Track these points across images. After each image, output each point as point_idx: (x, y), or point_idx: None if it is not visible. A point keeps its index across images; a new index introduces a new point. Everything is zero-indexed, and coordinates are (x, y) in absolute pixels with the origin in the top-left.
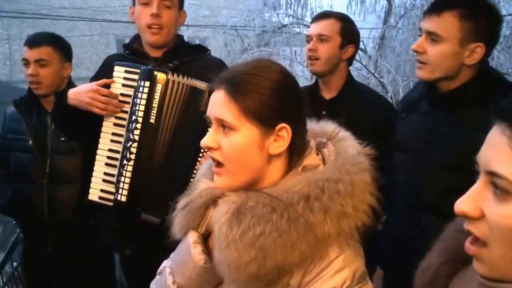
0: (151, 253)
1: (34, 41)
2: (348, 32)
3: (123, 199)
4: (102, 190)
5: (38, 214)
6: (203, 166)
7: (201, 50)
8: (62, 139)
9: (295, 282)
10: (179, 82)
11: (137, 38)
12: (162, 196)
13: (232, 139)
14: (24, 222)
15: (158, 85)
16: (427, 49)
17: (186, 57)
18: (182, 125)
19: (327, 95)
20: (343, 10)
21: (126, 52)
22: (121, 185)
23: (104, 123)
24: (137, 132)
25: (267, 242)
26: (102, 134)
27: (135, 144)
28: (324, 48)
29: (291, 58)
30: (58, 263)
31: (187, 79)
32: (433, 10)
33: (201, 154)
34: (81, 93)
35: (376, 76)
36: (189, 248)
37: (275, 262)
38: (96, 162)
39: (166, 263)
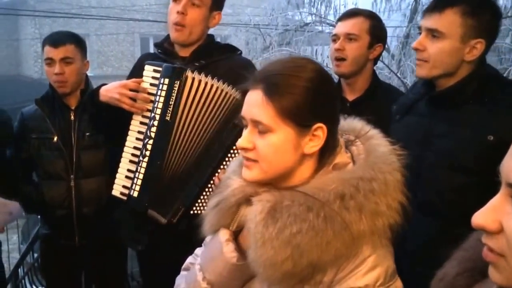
0: (169, 248)
1: (58, 40)
2: (377, 30)
3: (135, 194)
4: (124, 186)
5: (66, 208)
6: (232, 163)
7: (230, 50)
8: (87, 134)
9: (328, 279)
10: (200, 81)
11: (169, 37)
12: (171, 196)
13: (268, 140)
14: (52, 218)
15: (176, 82)
16: (428, 47)
17: (215, 56)
18: (201, 125)
19: (350, 96)
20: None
21: (158, 51)
22: (135, 180)
23: (132, 122)
24: (153, 129)
25: (304, 241)
26: (129, 132)
27: (151, 141)
28: (352, 47)
29: (312, 57)
30: (83, 256)
31: (209, 78)
32: (435, 8)
33: (226, 158)
34: (111, 90)
35: (399, 76)
36: (221, 245)
37: (310, 260)
38: (121, 159)
39: (191, 259)
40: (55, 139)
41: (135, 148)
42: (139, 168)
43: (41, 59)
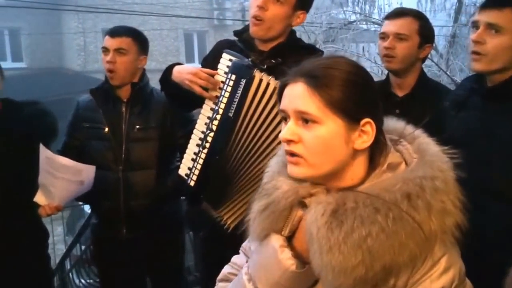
0: (229, 241)
1: (115, 31)
2: (426, 31)
3: (192, 183)
4: (188, 168)
5: (114, 200)
6: (273, 164)
7: (310, 50)
8: (137, 127)
9: (402, 283)
10: (267, 83)
11: (249, 27)
12: (226, 192)
13: (316, 132)
14: (100, 208)
15: (242, 80)
16: (487, 41)
17: (293, 56)
18: (263, 126)
19: (400, 92)
20: (413, 7)
21: (237, 39)
22: (193, 170)
23: (204, 106)
24: (215, 122)
25: (375, 244)
26: (200, 115)
27: (212, 134)
28: (402, 47)
29: (358, 54)
30: (132, 249)
31: (276, 81)
32: (495, 4)
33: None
34: (183, 73)
35: (449, 74)
36: (276, 253)
37: (383, 264)
38: (190, 141)
39: (229, 269)
40: (106, 130)
41: (202, 132)
42: (198, 158)
43: (83, 52)
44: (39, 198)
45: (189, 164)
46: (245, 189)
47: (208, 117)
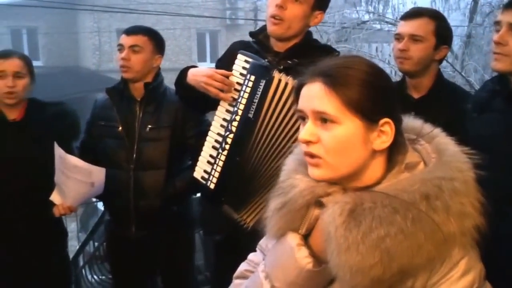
0: (245, 244)
1: (132, 30)
2: (443, 32)
3: (212, 186)
4: (204, 171)
5: (124, 198)
6: (289, 162)
7: (327, 50)
8: (150, 126)
9: (419, 284)
10: (286, 84)
11: (265, 28)
12: (247, 194)
13: (334, 132)
14: (111, 206)
15: (262, 81)
16: (509, 42)
17: (309, 56)
18: (281, 126)
19: (416, 94)
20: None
21: (253, 40)
22: (213, 172)
23: (219, 107)
24: (235, 124)
25: (393, 244)
26: (215, 117)
27: (231, 135)
28: (417, 49)
29: (370, 55)
30: (141, 247)
31: (295, 81)
32: None
33: None
34: (198, 75)
35: (463, 75)
36: (293, 251)
37: (401, 265)
38: (205, 143)
39: (246, 266)
40: (120, 128)
41: (218, 134)
42: (217, 160)
43: (98, 51)
44: (55, 197)
45: (205, 167)
46: (264, 188)
47: (224, 119)
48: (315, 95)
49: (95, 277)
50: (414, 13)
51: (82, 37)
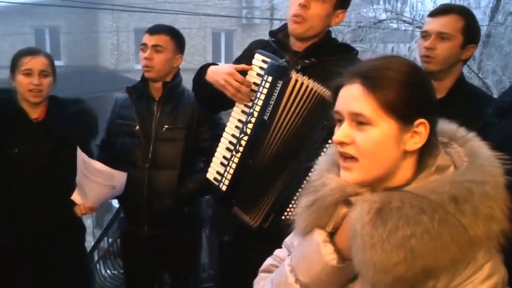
0: (254, 246)
1: (155, 29)
2: (471, 30)
3: (223, 188)
4: (217, 172)
5: (139, 196)
6: (322, 162)
7: (345, 49)
8: (166, 126)
9: (441, 286)
10: (302, 84)
11: (285, 27)
12: (258, 197)
13: (369, 133)
14: (125, 204)
15: (279, 82)
16: None
17: (328, 55)
18: (297, 129)
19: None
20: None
21: (272, 39)
22: (225, 174)
23: (234, 108)
24: (250, 126)
25: (419, 244)
26: (230, 118)
27: (246, 138)
28: (443, 47)
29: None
30: (152, 245)
31: (311, 81)
32: None
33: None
34: (218, 73)
35: (480, 76)
36: (318, 247)
37: (425, 265)
38: (219, 144)
39: (271, 261)
40: (137, 127)
41: (233, 135)
42: (230, 162)
43: (117, 51)
44: (76, 196)
45: (218, 168)
46: (274, 190)
47: (239, 120)
48: (353, 97)
49: (108, 271)
50: (443, 10)
51: (101, 37)
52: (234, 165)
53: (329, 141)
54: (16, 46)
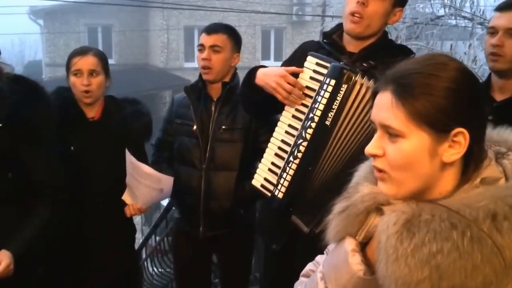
0: (300, 253)
1: (212, 28)
2: None
3: (280, 195)
4: (265, 179)
5: (195, 197)
6: (362, 168)
7: (403, 52)
8: (224, 127)
9: None
10: (367, 88)
11: (339, 27)
12: (318, 204)
13: (399, 146)
14: (181, 204)
15: (343, 86)
16: None
17: (385, 58)
18: (360, 134)
19: (499, 96)
20: None
21: (324, 41)
22: (281, 181)
23: (284, 113)
24: (310, 131)
25: (445, 262)
26: (279, 123)
27: (305, 143)
28: None
29: (444, 53)
30: (206, 246)
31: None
32: None
33: None
34: (269, 75)
35: None
36: (347, 256)
37: (452, 285)
38: (267, 150)
39: (311, 266)
40: (195, 127)
41: (283, 141)
42: (287, 168)
43: (167, 49)
44: (126, 197)
45: (266, 175)
46: (334, 200)
47: (290, 125)
48: (384, 107)
49: (155, 269)
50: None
51: (151, 35)
52: (291, 172)
53: None
54: (70, 45)
